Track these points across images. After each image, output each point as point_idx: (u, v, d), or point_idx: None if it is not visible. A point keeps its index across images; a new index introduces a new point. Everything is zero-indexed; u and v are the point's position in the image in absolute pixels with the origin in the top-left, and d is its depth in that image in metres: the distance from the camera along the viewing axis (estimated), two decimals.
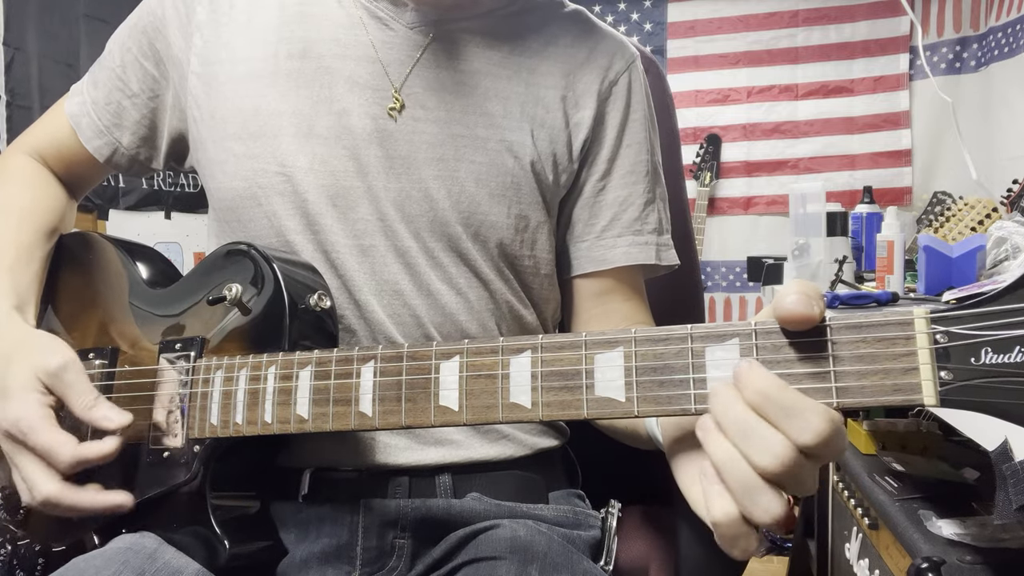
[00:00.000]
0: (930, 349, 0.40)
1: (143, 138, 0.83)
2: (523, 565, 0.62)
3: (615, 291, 0.81)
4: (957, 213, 1.81)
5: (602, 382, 0.47)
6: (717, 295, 3.23)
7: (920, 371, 0.40)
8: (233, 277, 0.66)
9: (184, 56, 0.77)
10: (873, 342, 0.41)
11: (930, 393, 0.40)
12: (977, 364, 0.39)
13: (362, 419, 0.55)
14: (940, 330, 0.40)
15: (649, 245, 0.81)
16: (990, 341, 0.39)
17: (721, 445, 0.43)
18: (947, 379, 0.40)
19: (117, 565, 0.59)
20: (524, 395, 0.49)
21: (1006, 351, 0.38)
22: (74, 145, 0.84)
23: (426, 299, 0.73)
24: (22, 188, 0.82)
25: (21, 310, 0.73)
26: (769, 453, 0.41)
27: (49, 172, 0.86)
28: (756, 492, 0.42)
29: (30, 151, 0.86)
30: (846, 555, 1.38)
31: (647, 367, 0.46)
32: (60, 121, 0.85)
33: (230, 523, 0.64)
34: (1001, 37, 2.58)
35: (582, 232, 0.81)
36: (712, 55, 3.17)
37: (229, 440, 0.62)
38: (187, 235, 2.66)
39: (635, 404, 0.46)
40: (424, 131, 0.73)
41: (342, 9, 0.76)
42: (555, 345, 0.49)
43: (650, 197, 0.81)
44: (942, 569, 0.92)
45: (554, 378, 0.48)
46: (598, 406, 0.47)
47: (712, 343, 0.45)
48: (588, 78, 0.79)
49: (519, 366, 0.49)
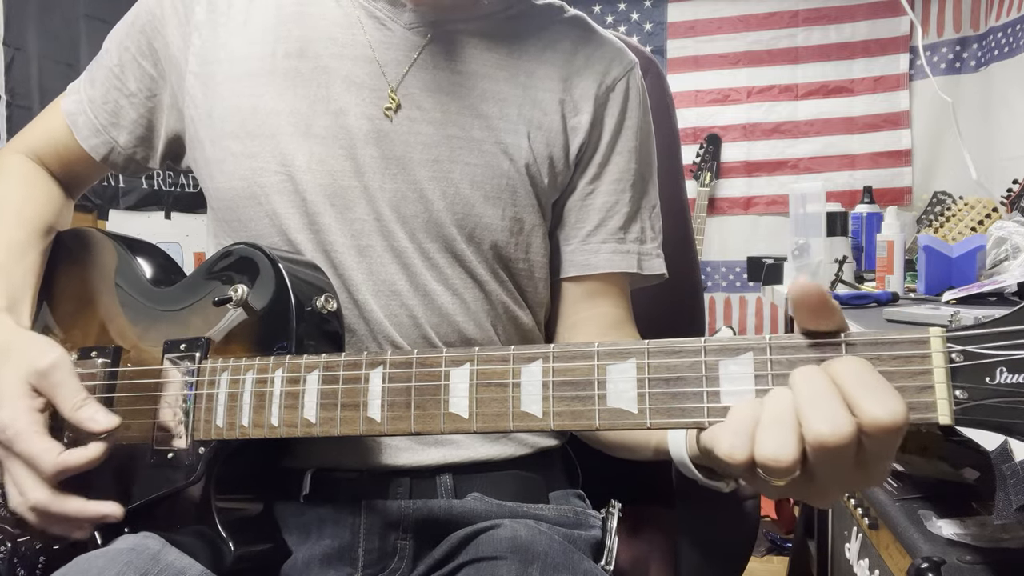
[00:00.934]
0: (946, 368, 0.40)
1: (140, 137, 0.83)
2: (524, 565, 0.62)
3: (600, 296, 0.81)
4: (957, 213, 1.81)
5: (614, 393, 0.47)
6: (717, 295, 3.23)
7: (935, 390, 0.40)
8: (239, 278, 0.66)
9: (182, 56, 0.77)
10: (888, 359, 0.41)
11: (945, 412, 0.40)
12: (992, 384, 0.39)
13: (371, 424, 0.55)
14: (956, 349, 0.40)
15: (631, 254, 0.81)
16: (1006, 361, 0.39)
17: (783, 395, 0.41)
18: (962, 398, 0.40)
19: (120, 565, 0.59)
20: (535, 404, 0.49)
21: (1022, 371, 0.38)
22: (70, 144, 0.83)
23: (423, 300, 0.74)
24: (15, 186, 0.82)
25: (12, 310, 0.73)
26: (830, 423, 0.39)
27: (45, 171, 0.86)
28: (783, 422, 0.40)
29: (26, 150, 0.86)
30: (846, 555, 1.39)
31: (660, 379, 0.46)
32: (56, 120, 0.84)
33: (234, 525, 0.64)
34: (1001, 37, 2.58)
35: (569, 234, 0.81)
36: (712, 55, 3.17)
37: (234, 442, 0.62)
38: (187, 235, 2.66)
39: (647, 416, 0.46)
40: (420, 132, 0.73)
41: (340, 9, 0.76)
42: (567, 355, 0.49)
43: (634, 207, 0.81)
44: (942, 569, 0.92)
45: (566, 388, 0.48)
46: (610, 417, 0.47)
47: (726, 357, 0.45)
48: (586, 83, 0.79)
49: (530, 375, 0.49)
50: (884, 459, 0.41)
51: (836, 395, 0.40)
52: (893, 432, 0.39)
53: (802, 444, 0.40)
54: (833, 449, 0.39)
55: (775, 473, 0.41)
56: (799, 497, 0.45)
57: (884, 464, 0.42)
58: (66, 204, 0.86)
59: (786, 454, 0.40)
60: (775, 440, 0.40)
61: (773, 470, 0.40)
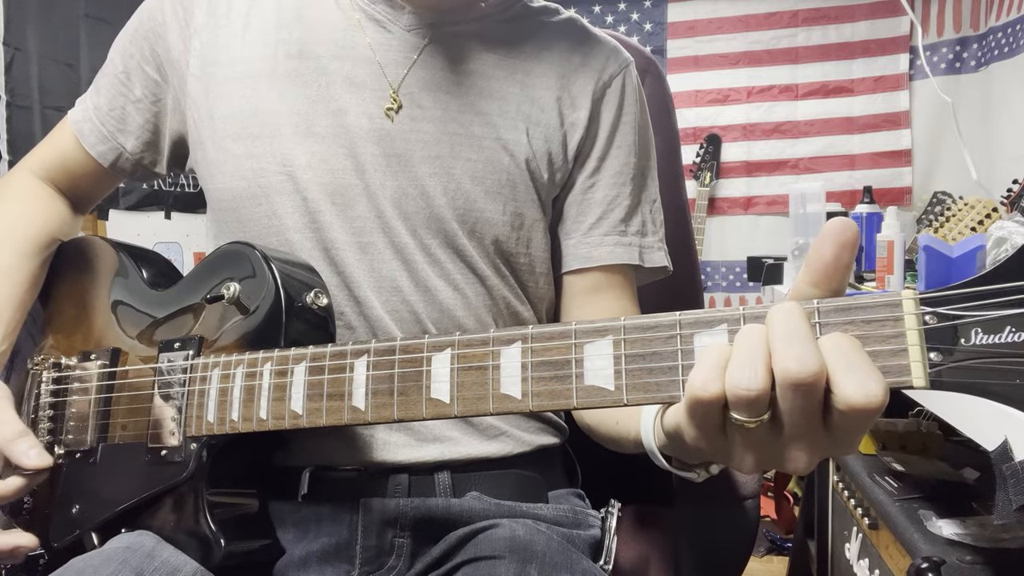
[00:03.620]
0: (919, 330, 0.39)
1: (147, 142, 0.83)
2: (522, 564, 0.62)
3: (604, 289, 0.81)
4: (957, 213, 1.81)
5: (591, 371, 0.47)
6: (717, 295, 3.23)
7: (909, 352, 0.39)
8: (231, 276, 0.66)
9: (183, 59, 0.78)
10: (861, 324, 0.41)
11: (919, 375, 0.39)
12: (967, 345, 0.38)
13: (355, 413, 0.55)
14: (929, 311, 0.39)
15: (632, 246, 0.81)
16: (980, 322, 0.38)
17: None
18: (937, 361, 0.39)
19: (116, 564, 0.59)
20: (514, 386, 0.49)
21: (996, 331, 0.37)
22: (78, 154, 0.84)
23: (424, 295, 0.74)
24: (12, 206, 0.83)
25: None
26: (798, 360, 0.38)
27: (51, 188, 0.87)
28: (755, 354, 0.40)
29: (36, 168, 0.87)
30: (846, 555, 1.38)
31: (636, 355, 0.46)
32: (64, 132, 0.85)
33: (226, 521, 0.64)
34: (1001, 37, 2.58)
35: (570, 228, 0.81)
36: (712, 55, 3.17)
37: (226, 437, 0.62)
38: (187, 235, 2.66)
39: (624, 392, 0.46)
40: (420, 130, 0.74)
41: (340, 12, 0.77)
42: (545, 335, 0.49)
43: (635, 200, 0.82)
44: (942, 569, 0.92)
45: (544, 368, 0.48)
46: (588, 395, 0.47)
47: (700, 329, 0.44)
48: (582, 80, 0.80)
49: (509, 357, 0.49)
50: (855, 433, 0.41)
51: (809, 336, 0.39)
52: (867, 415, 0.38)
53: (771, 377, 0.40)
54: (800, 386, 0.39)
55: (744, 407, 0.40)
56: (771, 463, 0.43)
57: (855, 437, 0.41)
58: (72, 220, 0.87)
59: (755, 383, 0.39)
60: (746, 369, 0.40)
61: (742, 401, 0.40)
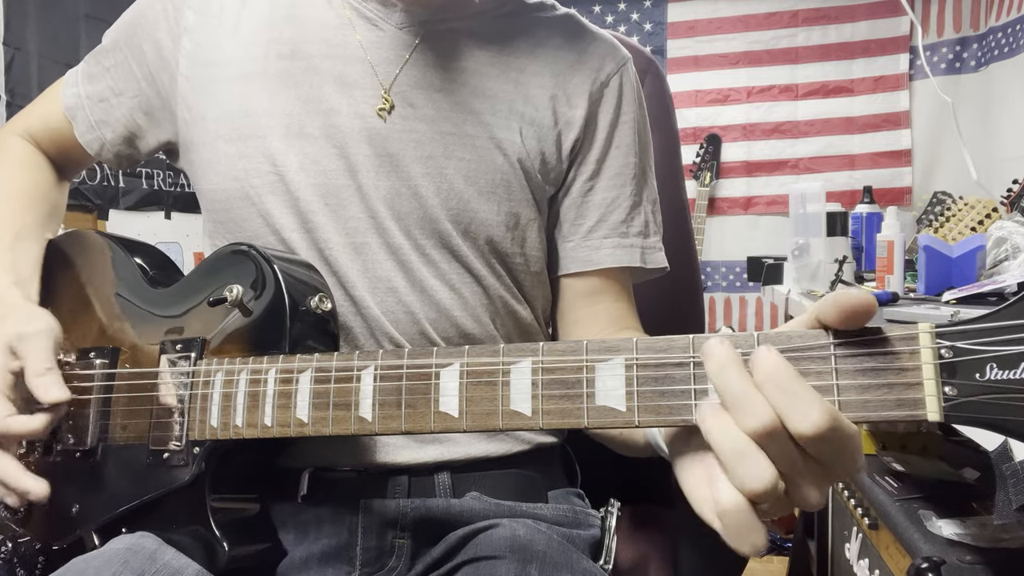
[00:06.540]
0: (935, 364, 0.39)
1: (124, 137, 0.84)
2: (523, 564, 0.62)
3: (603, 292, 0.81)
4: (957, 213, 1.81)
5: (603, 391, 0.47)
6: (717, 295, 3.23)
7: (924, 386, 0.40)
8: (234, 278, 0.66)
9: (173, 58, 0.78)
10: (877, 356, 0.41)
11: (934, 409, 0.39)
12: (982, 380, 0.38)
13: (362, 424, 0.55)
14: (945, 345, 0.39)
15: (634, 248, 0.81)
16: (995, 357, 0.38)
17: (717, 418, 0.41)
18: (951, 395, 0.39)
19: (117, 565, 0.59)
20: (524, 403, 0.49)
21: (1011, 367, 0.38)
22: (68, 134, 0.85)
23: (420, 295, 0.74)
24: (20, 170, 0.85)
25: (21, 286, 0.75)
26: (758, 419, 0.39)
27: (42, 155, 0.88)
28: (748, 456, 0.40)
29: (23, 133, 0.88)
30: (846, 555, 1.38)
31: (648, 377, 0.45)
32: (54, 108, 0.86)
33: (229, 525, 0.64)
34: (1001, 37, 2.58)
35: (569, 231, 0.81)
36: (712, 55, 3.17)
37: (229, 442, 0.62)
38: (187, 235, 2.65)
39: (635, 414, 0.46)
40: (413, 129, 0.74)
41: (331, 10, 0.76)
42: (556, 353, 0.48)
43: (636, 200, 0.81)
44: (942, 569, 0.92)
45: (555, 386, 0.48)
46: (599, 415, 0.47)
47: None
48: (579, 79, 0.79)
49: (520, 373, 0.49)
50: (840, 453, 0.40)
51: (759, 396, 0.40)
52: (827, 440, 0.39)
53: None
54: (764, 438, 0.39)
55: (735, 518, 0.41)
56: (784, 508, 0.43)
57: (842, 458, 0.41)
58: (61, 188, 0.90)
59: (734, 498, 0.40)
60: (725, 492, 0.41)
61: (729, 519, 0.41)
